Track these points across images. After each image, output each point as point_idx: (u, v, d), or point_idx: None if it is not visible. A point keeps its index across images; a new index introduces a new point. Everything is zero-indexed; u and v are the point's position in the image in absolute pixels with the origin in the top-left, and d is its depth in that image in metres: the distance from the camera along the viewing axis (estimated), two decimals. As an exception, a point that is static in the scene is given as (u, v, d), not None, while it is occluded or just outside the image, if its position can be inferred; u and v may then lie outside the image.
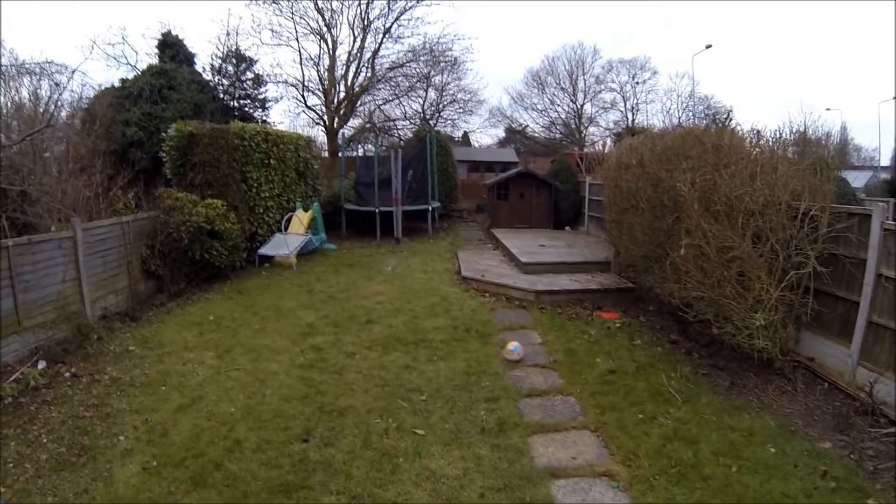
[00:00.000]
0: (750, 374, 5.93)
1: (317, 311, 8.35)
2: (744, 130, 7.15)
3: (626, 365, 6.33)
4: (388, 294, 9.27)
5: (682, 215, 6.65)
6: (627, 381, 5.88)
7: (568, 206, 16.71)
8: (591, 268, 10.45)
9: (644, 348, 6.89)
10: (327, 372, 6.15)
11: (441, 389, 5.67)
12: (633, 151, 8.54)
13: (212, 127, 10.95)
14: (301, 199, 13.72)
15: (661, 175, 7.31)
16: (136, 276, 8.79)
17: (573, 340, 7.15)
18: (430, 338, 7.13)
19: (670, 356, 6.60)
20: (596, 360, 6.48)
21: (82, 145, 13.67)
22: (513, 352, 6.45)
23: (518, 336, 7.26)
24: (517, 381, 5.93)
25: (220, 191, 10.68)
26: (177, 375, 6.03)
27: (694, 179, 6.41)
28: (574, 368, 6.29)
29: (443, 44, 23.10)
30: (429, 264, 11.77)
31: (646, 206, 7.79)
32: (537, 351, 6.81)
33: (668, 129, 8.38)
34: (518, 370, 6.24)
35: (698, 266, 6.08)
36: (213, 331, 7.53)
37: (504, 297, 9.08)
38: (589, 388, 5.75)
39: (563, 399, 5.57)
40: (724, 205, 5.87)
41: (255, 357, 6.58)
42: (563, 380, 6.01)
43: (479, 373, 6.08)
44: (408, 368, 6.20)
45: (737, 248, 5.69)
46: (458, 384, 5.79)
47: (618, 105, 36.86)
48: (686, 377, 5.92)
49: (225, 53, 19.89)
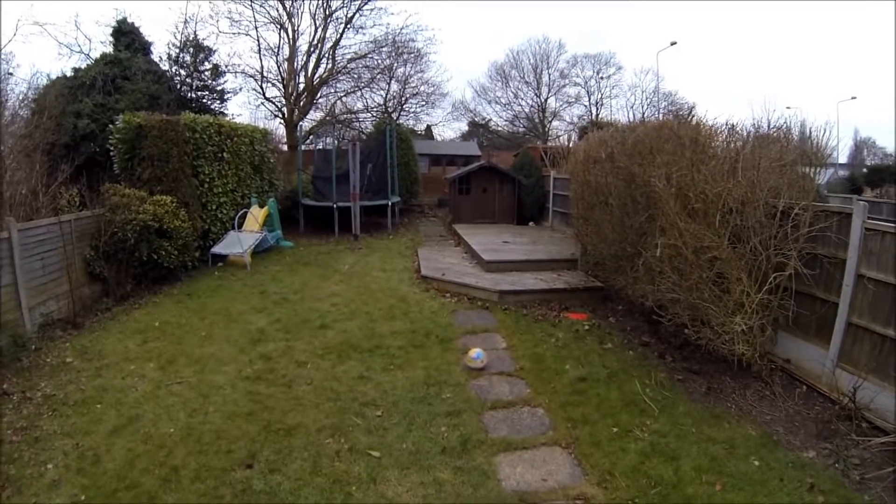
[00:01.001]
0: (726, 378, 5.67)
1: (268, 315, 7.74)
2: (716, 125, 6.84)
3: (598, 371, 5.96)
4: (344, 295, 8.71)
5: (656, 213, 6.31)
6: (599, 390, 5.51)
7: (532, 200, 16.37)
8: (557, 266, 10.11)
9: (615, 352, 6.54)
10: (276, 384, 5.60)
11: (398, 403, 5.17)
12: (603, 145, 8.18)
13: (161, 118, 10.18)
14: (257, 194, 13.04)
15: (633, 170, 6.95)
16: (79, 279, 8.08)
17: (540, 344, 6.75)
18: (388, 344, 6.63)
19: (643, 360, 6.27)
20: (565, 367, 6.08)
21: (28, 138, 12.86)
22: (475, 359, 6.00)
23: (481, 340, 6.85)
24: (481, 392, 5.48)
25: (169, 186, 9.96)
26: (114, 391, 5.42)
27: (670, 175, 6.05)
28: (542, 376, 5.88)
29: (405, 34, 22.52)
30: (388, 262, 11.23)
31: (616, 202, 7.45)
32: (502, 357, 6.38)
33: (640, 123, 7.97)
34: (482, 379, 5.79)
35: (674, 267, 5.75)
36: (158, 339, 6.89)
37: (466, 298, 8.64)
38: (558, 398, 5.35)
39: (530, 411, 5.15)
40: (702, 202, 5.54)
41: (199, 368, 5.98)
42: (531, 389, 5.59)
43: (440, 383, 5.61)
44: (362, 379, 5.69)
45: (716, 249, 5.37)
46: (416, 396, 5.31)
47: (582, 100, 37.08)
48: (661, 383, 5.60)
49: (182, 42, 18.90)
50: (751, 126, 6.19)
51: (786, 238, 5.38)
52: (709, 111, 49.97)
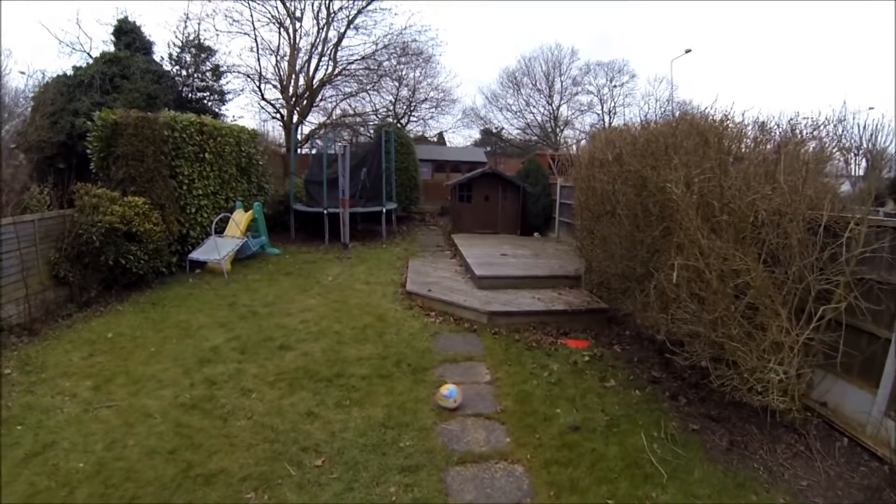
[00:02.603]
0: (752, 427, 4.74)
1: (228, 331, 6.94)
2: (744, 121, 5.85)
3: (595, 418, 4.95)
4: (317, 310, 7.85)
5: (672, 226, 5.33)
6: (595, 445, 4.49)
7: (538, 210, 15.49)
8: (558, 283, 9.18)
9: (618, 392, 5.55)
10: (211, 416, 4.78)
11: (345, 450, 4.27)
12: (610, 145, 7.22)
13: (138, 115, 9.57)
14: (243, 197, 12.32)
15: (644, 173, 5.94)
16: (43, 282, 7.53)
17: (530, 380, 5.77)
18: (350, 372, 5.73)
19: (652, 403, 5.28)
20: (556, 411, 5.08)
21: (21, 136, 12.97)
22: (447, 397, 5.06)
23: (462, 371, 5.94)
24: (450, 440, 4.54)
25: (143, 187, 9.35)
26: (40, 411, 4.83)
27: (690, 179, 5.06)
28: (526, 421, 4.89)
29: (408, 34, 21.75)
30: (374, 274, 10.36)
31: (625, 212, 6.50)
32: (482, 394, 5.43)
33: (653, 122, 7.02)
34: (453, 421, 4.85)
35: (693, 294, 4.75)
36: (105, 352, 6.22)
37: (452, 318, 7.72)
38: (543, 454, 4.37)
39: (507, 469, 4.18)
40: (730, 213, 4.59)
41: (135, 390, 5.26)
42: (511, 438, 4.59)
43: (401, 426, 4.69)
44: (310, 416, 4.80)
45: (747, 273, 4.40)
46: (369, 442, 4.40)
47: (595, 108, 36.04)
48: (672, 436, 4.62)
49: (183, 42, 18.61)
50: (795, 122, 5.16)
51: (832, 260, 4.39)
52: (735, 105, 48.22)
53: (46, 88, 15.16)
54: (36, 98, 14.95)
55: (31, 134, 13.41)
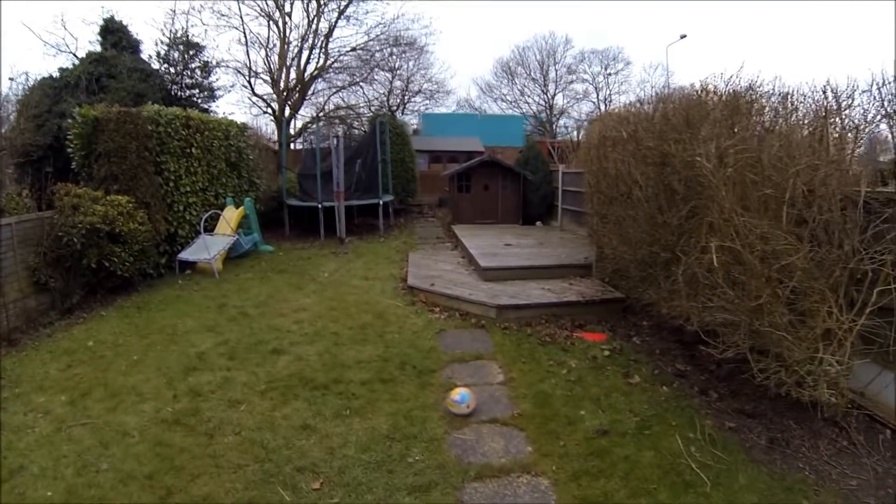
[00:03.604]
0: (790, 422, 4.26)
1: (217, 335, 6.40)
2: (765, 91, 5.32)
3: (624, 420, 4.44)
4: (312, 309, 7.33)
5: (701, 205, 4.81)
6: (627, 451, 3.99)
7: (539, 198, 14.97)
8: (567, 272, 8.67)
9: (645, 389, 5.04)
10: (196, 432, 4.25)
11: (346, 469, 3.75)
12: (624, 122, 6.71)
13: (119, 110, 9.05)
14: (234, 193, 11.75)
15: (666, 149, 5.39)
16: (23, 289, 7.03)
17: (547, 378, 5.26)
18: (349, 377, 5.21)
19: (681, 400, 4.78)
20: (579, 413, 4.58)
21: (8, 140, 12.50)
22: (459, 403, 4.55)
23: (472, 371, 5.44)
24: (464, 451, 4.03)
25: (127, 185, 8.79)
26: (10, 431, 4.32)
27: (723, 151, 4.49)
28: (548, 427, 4.37)
29: (401, 23, 21.16)
30: (372, 269, 9.84)
31: (644, 193, 5.95)
32: (497, 396, 4.92)
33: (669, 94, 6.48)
34: (466, 429, 4.34)
35: (731, 279, 4.24)
36: (84, 362, 5.67)
37: (458, 313, 7.21)
38: (570, 464, 3.86)
39: (530, 483, 3.67)
40: (774, 188, 4.06)
41: (113, 404, 4.72)
42: (533, 447, 4.08)
43: (409, 437, 4.18)
44: (305, 430, 4.27)
45: (791, 255, 3.89)
46: (373, 459, 3.88)
47: (590, 96, 35.62)
48: (710, 436, 4.13)
49: (171, 39, 18.08)
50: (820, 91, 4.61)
51: (876, 239, 3.86)
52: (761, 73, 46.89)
53: (32, 91, 14.66)
54: (21, 101, 14.45)
55: (17, 138, 12.95)
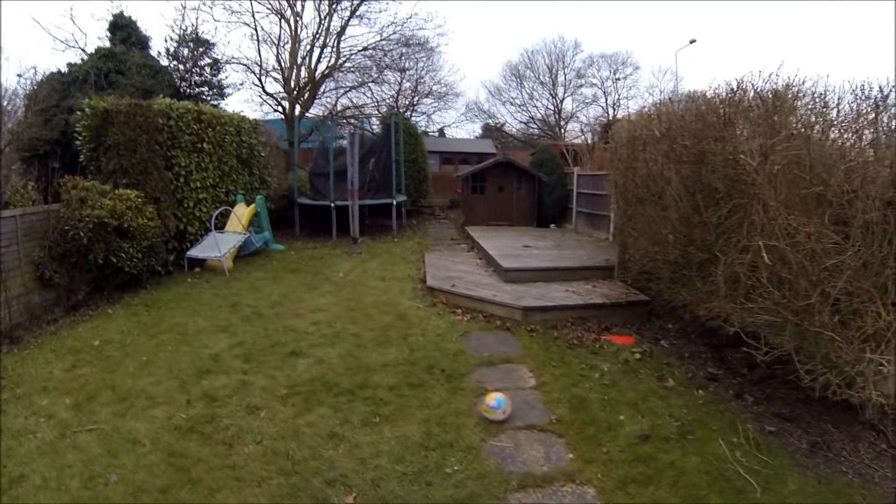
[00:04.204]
0: (827, 425, 4.13)
1: (231, 336, 6.13)
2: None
3: (664, 424, 4.22)
4: (330, 310, 7.06)
5: (743, 203, 4.56)
6: (672, 456, 3.76)
7: (553, 200, 14.73)
8: (590, 274, 8.42)
9: (681, 393, 4.79)
10: (213, 441, 3.95)
11: (381, 482, 3.47)
12: (655, 120, 6.45)
13: (130, 102, 8.81)
14: (244, 190, 11.52)
15: (705, 147, 5.18)
16: (27, 284, 6.78)
17: (581, 382, 5.00)
18: (375, 381, 4.93)
19: (718, 403, 4.57)
20: (618, 417, 4.34)
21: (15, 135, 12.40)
22: (495, 408, 4.27)
23: (502, 375, 5.18)
24: (503, 460, 3.77)
25: (136, 179, 8.57)
26: (9, 437, 4.00)
27: (767, 149, 4.25)
28: (587, 432, 4.12)
29: (413, 23, 20.91)
30: (388, 269, 9.57)
31: (679, 193, 5.69)
32: (530, 401, 4.66)
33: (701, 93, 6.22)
34: (503, 436, 4.08)
35: (775, 279, 3.99)
36: (90, 363, 5.37)
37: (481, 315, 6.94)
38: (615, 471, 3.61)
39: (576, 493, 3.40)
40: (823, 186, 3.81)
41: (122, 409, 4.41)
42: (574, 454, 3.83)
43: (444, 446, 3.90)
44: (333, 438, 3.98)
45: (840, 254, 3.64)
46: (408, 470, 3.59)
47: (599, 101, 35.24)
48: (754, 441, 3.91)
49: (181, 36, 17.89)
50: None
51: None
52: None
53: (40, 86, 14.51)
54: (29, 96, 14.29)
55: (24, 132, 12.82)
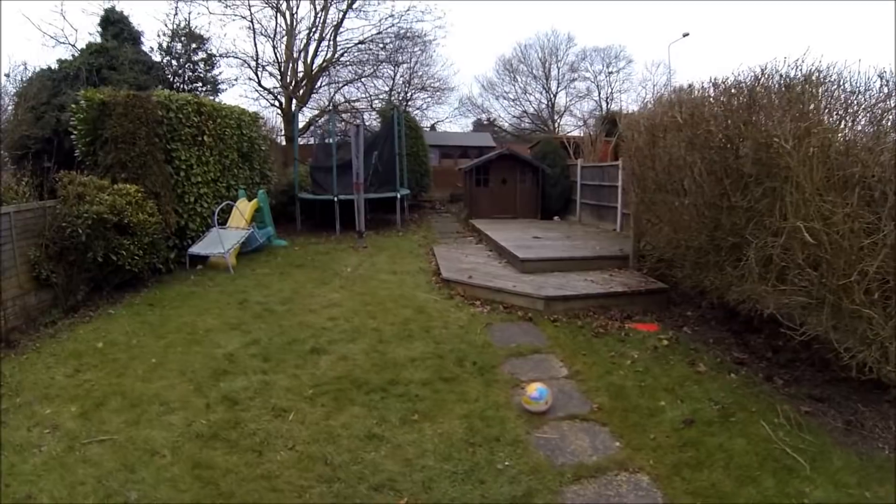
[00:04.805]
0: (857, 404, 4.09)
1: (244, 334, 5.85)
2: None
3: (704, 408, 4.12)
4: (345, 305, 6.83)
5: (776, 187, 4.49)
6: (719, 439, 3.69)
7: (556, 193, 14.56)
8: (604, 264, 8.26)
9: (713, 377, 4.69)
10: (240, 449, 3.65)
11: (431, 483, 3.25)
12: (678, 107, 6.29)
13: (128, 93, 8.47)
14: (245, 185, 11.20)
15: (734, 131, 5.10)
16: (22, 285, 6.41)
17: (614, 370, 4.86)
18: (406, 378, 4.70)
19: (751, 387, 4.49)
20: (659, 403, 4.22)
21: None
22: (537, 399, 4.10)
23: (532, 365, 5.02)
24: (551, 452, 3.60)
25: (136, 173, 8.20)
26: (12, 450, 3.63)
27: (801, 132, 4.17)
28: (630, 419, 4.00)
29: (412, 15, 20.66)
30: (398, 263, 9.34)
31: (704, 178, 5.58)
32: (567, 390, 4.50)
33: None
34: (546, 427, 3.92)
35: (812, 259, 3.96)
36: (95, 366, 5.03)
37: (501, 306, 6.76)
38: (666, 457, 3.50)
39: (630, 481, 3.30)
40: (862, 167, 3.74)
41: (135, 416, 4.09)
42: (621, 442, 3.71)
43: (490, 440, 3.70)
44: (372, 440, 3.75)
45: (879, 233, 3.56)
46: (459, 469, 3.38)
47: (592, 94, 35.18)
48: (795, 422, 3.85)
49: (174, 31, 17.56)
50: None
51: None
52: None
53: (30, 83, 14.12)
54: (19, 94, 13.92)
55: (14, 130, 12.46)
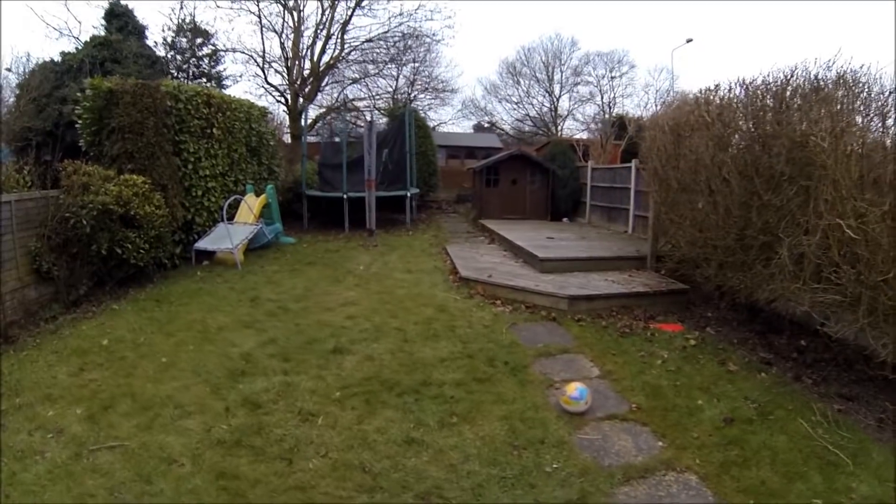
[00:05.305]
0: (885, 402, 4.11)
1: (259, 333, 5.60)
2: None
3: (742, 407, 4.07)
4: (362, 303, 6.62)
5: (809, 186, 4.56)
6: (761, 437, 3.65)
7: (566, 194, 14.45)
8: (622, 264, 8.15)
9: (745, 376, 4.65)
10: (267, 457, 3.36)
11: (481, 489, 3.04)
12: (705, 106, 6.21)
13: (136, 82, 8.19)
14: (253, 180, 10.96)
15: (770, 129, 5.08)
16: (22, 277, 6.11)
17: (646, 370, 4.75)
18: (438, 378, 4.49)
19: (783, 386, 4.46)
20: (696, 402, 4.14)
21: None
22: (578, 399, 3.94)
23: (563, 365, 4.88)
24: (597, 453, 3.46)
25: (143, 164, 7.94)
26: (13, 457, 3.30)
27: (838, 132, 4.27)
28: (670, 419, 3.90)
29: (421, 14, 20.51)
30: (412, 262, 9.15)
31: (734, 177, 5.52)
32: (602, 391, 4.36)
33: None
34: (587, 428, 3.78)
35: (850, 256, 4.00)
36: (100, 365, 4.71)
37: (523, 306, 6.60)
38: (711, 456, 3.43)
39: (679, 480, 3.21)
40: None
41: (147, 420, 3.77)
42: (664, 442, 3.62)
43: (534, 443, 3.52)
44: (411, 445, 3.52)
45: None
46: (507, 474, 3.19)
47: (595, 98, 35.02)
48: (832, 419, 3.85)
49: (178, 25, 17.35)
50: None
51: None
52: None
53: (32, 74, 13.86)
54: (21, 85, 13.70)
55: (15, 122, 12.24)
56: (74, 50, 14.90)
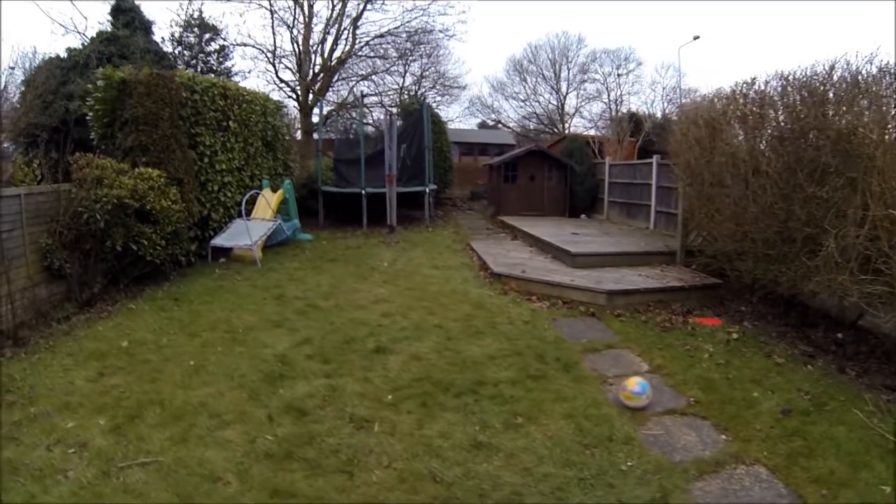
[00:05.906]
0: None
1: (291, 332, 5.35)
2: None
3: (796, 398, 4.06)
4: (395, 300, 6.47)
5: (858, 177, 4.55)
6: (821, 428, 3.62)
7: (584, 190, 14.32)
8: (652, 259, 8.09)
9: (793, 369, 4.62)
10: (324, 470, 3.07)
11: (562, 492, 2.90)
12: (740, 100, 6.15)
13: (151, 72, 7.83)
14: (269, 175, 10.75)
15: (815, 121, 5.09)
16: (32, 275, 5.75)
17: (696, 364, 4.69)
18: (491, 376, 4.34)
19: (832, 378, 4.45)
20: (752, 395, 4.12)
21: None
22: (639, 394, 3.86)
23: (612, 360, 4.80)
24: (664, 448, 3.39)
25: (158, 157, 7.59)
26: (30, 476, 2.93)
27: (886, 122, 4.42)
28: (728, 412, 3.86)
29: (434, 9, 20.30)
30: (437, 258, 9.01)
31: (775, 169, 5.46)
32: (656, 385, 4.25)
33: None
34: (650, 424, 3.69)
35: None
36: (122, 369, 4.38)
37: (560, 301, 6.49)
38: (777, 448, 3.40)
39: (750, 473, 3.17)
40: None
41: (181, 432, 3.42)
42: (727, 435, 3.57)
43: (603, 441, 3.39)
44: (480, 449, 3.33)
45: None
46: (584, 474, 3.05)
47: (601, 96, 34.85)
48: (885, 409, 3.84)
49: (186, 21, 17.10)
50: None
51: None
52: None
53: (38, 70, 13.57)
54: (26, 81, 13.41)
55: (21, 118, 11.99)
56: (81, 46, 14.68)
